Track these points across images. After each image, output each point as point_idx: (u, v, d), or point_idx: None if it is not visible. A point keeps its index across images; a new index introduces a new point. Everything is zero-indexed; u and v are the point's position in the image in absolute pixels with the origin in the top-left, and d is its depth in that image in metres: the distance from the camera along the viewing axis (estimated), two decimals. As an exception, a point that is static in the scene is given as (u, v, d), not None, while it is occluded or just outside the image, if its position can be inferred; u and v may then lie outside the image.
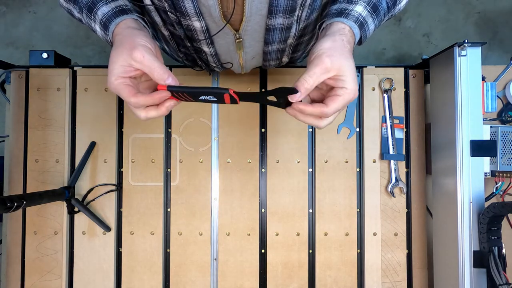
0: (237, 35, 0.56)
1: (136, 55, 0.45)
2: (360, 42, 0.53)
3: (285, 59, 0.68)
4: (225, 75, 0.83)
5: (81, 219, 0.82)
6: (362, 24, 0.51)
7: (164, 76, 0.46)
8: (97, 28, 0.53)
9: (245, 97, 0.49)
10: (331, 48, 0.46)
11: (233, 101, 0.48)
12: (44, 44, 1.65)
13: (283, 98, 0.48)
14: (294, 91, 0.46)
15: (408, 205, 0.82)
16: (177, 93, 0.47)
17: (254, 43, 0.60)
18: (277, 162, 0.82)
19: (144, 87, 0.51)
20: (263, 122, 0.83)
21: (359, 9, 0.51)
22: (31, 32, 1.66)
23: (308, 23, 0.59)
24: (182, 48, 0.63)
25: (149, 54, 0.46)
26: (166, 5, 0.49)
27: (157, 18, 0.55)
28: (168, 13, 0.51)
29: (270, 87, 0.83)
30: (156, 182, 0.82)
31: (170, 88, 0.46)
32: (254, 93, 0.51)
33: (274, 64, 0.70)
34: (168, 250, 0.82)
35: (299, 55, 0.77)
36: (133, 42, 0.46)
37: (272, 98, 0.49)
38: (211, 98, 0.48)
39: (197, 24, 0.52)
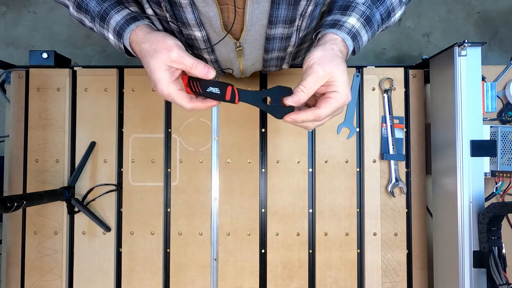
0: (238, 43, 0.56)
1: (175, 57, 0.47)
2: (354, 52, 0.54)
3: (285, 67, 0.69)
4: (226, 76, 0.83)
5: (81, 219, 0.82)
6: (355, 36, 0.52)
7: (205, 70, 0.48)
8: (110, 36, 0.53)
9: (243, 96, 0.51)
10: (322, 57, 0.48)
11: (232, 98, 0.51)
12: (44, 44, 1.65)
13: (278, 99, 0.50)
14: (290, 91, 0.49)
15: (408, 205, 0.82)
16: (193, 84, 0.51)
17: (254, 51, 0.60)
18: (277, 162, 0.82)
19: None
20: (263, 122, 0.83)
21: (352, 21, 0.51)
22: (31, 32, 1.66)
23: (308, 32, 0.59)
24: None
25: (185, 52, 0.48)
26: (167, 15, 0.49)
27: (159, 27, 0.56)
28: (170, 23, 0.51)
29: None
30: (156, 182, 0.82)
31: (190, 77, 0.51)
32: (252, 91, 0.53)
33: (274, 70, 0.71)
34: (168, 250, 0.82)
35: (299, 61, 0.78)
36: (166, 45, 0.48)
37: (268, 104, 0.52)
38: (216, 90, 0.50)
39: (198, 34, 0.53)
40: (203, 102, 0.51)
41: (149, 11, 0.52)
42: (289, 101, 0.48)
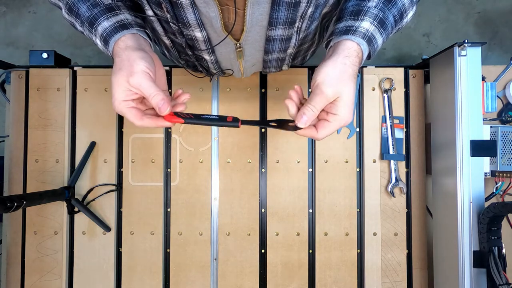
0: (238, 44, 0.56)
1: (133, 83, 0.46)
2: (369, 57, 0.54)
3: (285, 68, 0.70)
4: (225, 77, 0.83)
5: (81, 219, 0.82)
6: (370, 40, 0.51)
7: (160, 104, 0.47)
8: (98, 42, 0.53)
9: (248, 122, 0.52)
10: (332, 75, 0.48)
11: (235, 120, 0.51)
12: (44, 44, 1.65)
13: (284, 126, 0.52)
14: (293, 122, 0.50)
15: (408, 205, 0.82)
16: (181, 113, 0.50)
17: (255, 52, 0.60)
18: (277, 162, 0.82)
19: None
20: (263, 122, 0.83)
21: (366, 25, 0.50)
22: (31, 32, 1.66)
23: (308, 33, 0.59)
24: (183, 55, 0.63)
25: (146, 81, 0.46)
26: (168, 16, 0.49)
27: (159, 28, 0.56)
28: (170, 23, 0.51)
29: (269, 88, 0.83)
30: (156, 182, 0.82)
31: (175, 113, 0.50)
32: (257, 121, 0.54)
33: (274, 71, 0.71)
34: (168, 250, 0.82)
35: (298, 61, 0.78)
36: (131, 68, 0.47)
37: (273, 124, 0.53)
38: (214, 116, 0.51)
39: (198, 34, 0.52)
40: (154, 121, 0.49)
41: (150, 12, 0.52)
42: (300, 123, 0.49)
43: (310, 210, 0.82)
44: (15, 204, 0.62)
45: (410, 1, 0.55)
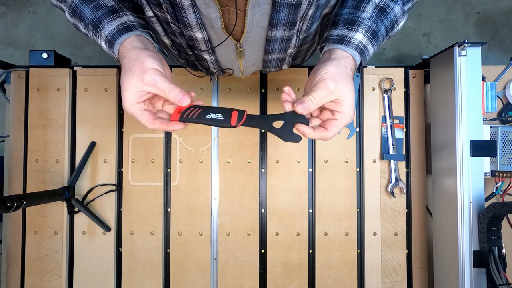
0: (238, 45, 0.57)
1: (148, 80, 0.47)
2: (360, 64, 0.55)
3: (285, 67, 0.70)
4: (225, 76, 0.83)
5: (81, 219, 0.82)
6: (362, 51, 0.53)
7: (179, 96, 0.48)
8: (103, 44, 0.53)
9: (251, 120, 0.52)
10: (336, 73, 0.49)
11: (240, 118, 0.51)
12: (44, 44, 1.65)
13: (290, 123, 0.51)
14: (304, 119, 0.50)
15: (408, 205, 0.82)
16: (187, 115, 0.50)
17: (255, 52, 0.60)
18: (277, 162, 0.82)
19: (157, 100, 0.53)
20: (263, 122, 0.83)
21: (359, 36, 0.52)
22: (31, 32, 1.66)
23: (309, 33, 0.59)
24: (183, 55, 0.64)
25: (160, 76, 0.47)
26: (168, 16, 0.49)
27: (159, 28, 0.56)
28: (171, 24, 0.51)
29: (269, 87, 0.83)
30: (156, 182, 0.82)
31: (181, 117, 0.51)
32: (263, 116, 0.53)
33: (274, 70, 0.71)
34: (168, 250, 0.82)
35: (298, 61, 0.78)
36: (142, 66, 0.47)
37: (276, 123, 0.52)
38: (218, 116, 0.51)
39: (199, 35, 0.53)
40: (165, 125, 0.50)
41: (149, 13, 0.52)
42: (299, 108, 0.49)
43: (310, 210, 0.82)
44: (15, 204, 0.62)
45: (401, 11, 0.55)
